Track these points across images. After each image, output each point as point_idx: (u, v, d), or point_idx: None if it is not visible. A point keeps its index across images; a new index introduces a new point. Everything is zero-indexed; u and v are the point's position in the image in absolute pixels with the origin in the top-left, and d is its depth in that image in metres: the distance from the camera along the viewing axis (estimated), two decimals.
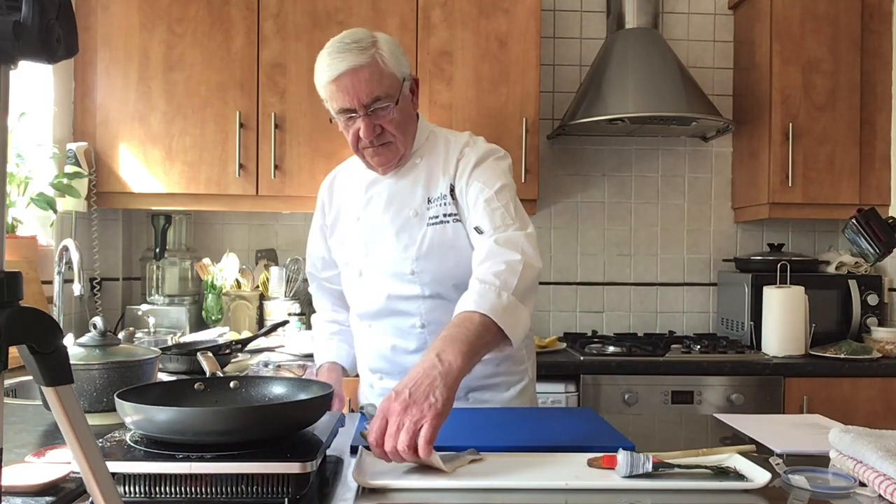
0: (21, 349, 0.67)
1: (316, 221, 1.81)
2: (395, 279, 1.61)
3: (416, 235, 1.59)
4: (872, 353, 2.70)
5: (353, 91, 1.50)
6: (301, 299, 3.09)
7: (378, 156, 1.59)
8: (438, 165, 1.63)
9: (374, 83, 1.50)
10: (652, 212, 3.34)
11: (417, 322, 1.62)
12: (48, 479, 0.98)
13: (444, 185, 1.60)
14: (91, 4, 2.80)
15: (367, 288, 1.66)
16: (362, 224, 1.67)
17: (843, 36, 2.96)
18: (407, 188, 1.63)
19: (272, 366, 2.27)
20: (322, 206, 1.79)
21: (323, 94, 1.57)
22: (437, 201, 1.60)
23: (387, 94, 1.52)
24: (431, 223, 1.59)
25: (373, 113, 1.52)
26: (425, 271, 1.58)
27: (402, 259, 1.60)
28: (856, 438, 1.15)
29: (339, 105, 1.53)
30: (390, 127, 1.55)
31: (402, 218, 1.61)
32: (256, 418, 1.03)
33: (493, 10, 2.86)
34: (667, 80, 2.92)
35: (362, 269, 1.66)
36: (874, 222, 1.47)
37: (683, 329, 3.31)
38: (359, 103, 1.51)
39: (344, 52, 1.50)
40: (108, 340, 1.44)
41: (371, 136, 1.54)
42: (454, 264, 1.57)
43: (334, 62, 1.50)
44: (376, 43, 1.52)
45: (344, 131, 1.59)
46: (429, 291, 1.59)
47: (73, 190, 2.56)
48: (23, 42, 0.62)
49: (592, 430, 1.41)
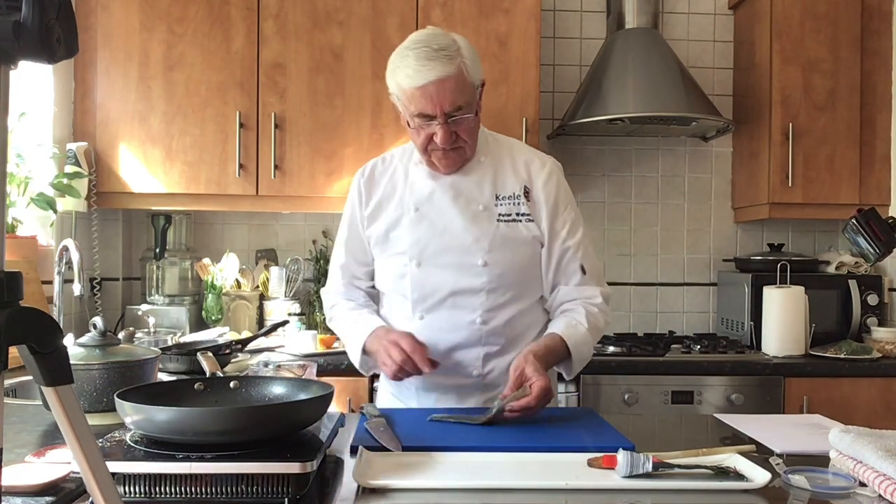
0: (21, 349, 0.67)
1: (352, 215, 1.77)
2: (462, 270, 1.63)
3: (486, 229, 1.64)
4: (872, 353, 2.70)
5: (438, 100, 1.52)
6: (301, 299, 3.09)
7: (447, 158, 1.62)
8: (505, 166, 1.70)
9: (458, 93, 1.53)
10: (652, 212, 3.34)
11: (478, 318, 1.64)
12: (48, 479, 0.98)
13: (516, 185, 1.68)
14: (91, 4, 2.80)
15: (426, 279, 1.65)
16: (423, 215, 1.67)
17: (843, 36, 2.96)
18: (473, 184, 1.67)
19: (272, 366, 2.26)
20: (358, 198, 1.75)
21: (399, 94, 1.57)
22: (508, 200, 1.67)
23: (467, 102, 1.56)
24: (503, 220, 1.65)
25: (452, 121, 1.55)
26: (497, 263, 1.63)
27: (473, 251, 1.63)
28: (856, 438, 1.15)
29: (418, 110, 1.55)
30: (465, 134, 1.59)
31: (470, 211, 1.65)
32: (256, 418, 1.03)
33: (493, 10, 2.86)
34: (667, 80, 2.92)
35: (421, 260, 1.65)
36: (874, 222, 1.47)
37: (683, 329, 3.31)
38: (441, 112, 1.53)
39: (432, 59, 1.50)
40: (108, 340, 1.44)
41: (448, 144, 1.57)
42: (521, 259, 1.65)
43: (422, 69, 1.50)
44: (460, 51, 1.54)
45: (414, 132, 1.60)
46: (494, 284, 1.63)
47: (73, 190, 2.56)
48: (23, 42, 0.62)
49: (592, 430, 1.41)
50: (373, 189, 1.74)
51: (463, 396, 1.67)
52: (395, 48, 1.60)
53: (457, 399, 1.67)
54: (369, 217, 1.73)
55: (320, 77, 2.84)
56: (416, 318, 1.67)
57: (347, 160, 2.84)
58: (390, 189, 1.73)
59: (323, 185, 2.84)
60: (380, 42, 2.83)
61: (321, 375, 1.83)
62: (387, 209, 1.71)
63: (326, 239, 3.23)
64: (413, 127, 1.59)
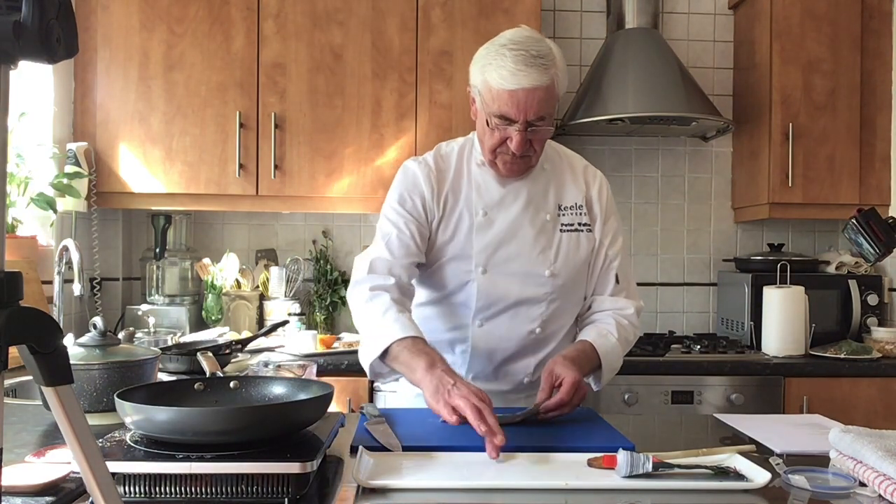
0: (21, 349, 0.67)
1: (414, 207, 1.62)
2: (528, 279, 1.62)
3: (552, 239, 1.64)
4: (872, 353, 2.70)
5: (525, 107, 1.49)
6: (301, 299, 3.09)
7: (514, 164, 1.58)
8: (566, 175, 1.70)
9: (545, 104, 1.50)
10: (652, 212, 3.34)
11: (537, 327, 1.63)
12: (48, 479, 0.98)
13: (578, 195, 1.68)
14: (91, 4, 2.80)
15: (493, 287, 1.61)
16: (491, 220, 1.62)
17: (843, 36, 2.96)
18: (541, 192, 1.66)
19: (272, 366, 2.26)
20: (429, 191, 1.63)
21: (484, 91, 1.53)
22: (571, 210, 1.66)
23: (549, 114, 1.53)
24: (565, 230, 1.65)
25: (531, 130, 1.52)
26: (560, 274, 1.63)
27: (540, 260, 1.62)
28: (856, 438, 1.15)
29: (502, 112, 1.50)
30: (538, 144, 1.57)
31: (539, 220, 1.64)
32: (256, 418, 1.03)
33: (493, 10, 2.86)
34: (667, 80, 2.92)
35: (488, 267, 1.61)
36: (874, 222, 1.47)
37: (683, 329, 3.31)
38: (523, 119, 1.50)
39: (530, 66, 1.47)
40: (108, 340, 1.44)
41: (521, 151, 1.53)
42: (580, 270, 1.66)
43: (519, 73, 1.46)
44: (556, 62, 1.51)
45: (488, 131, 1.55)
46: (556, 295, 1.63)
47: (73, 190, 2.56)
48: (23, 42, 0.62)
49: (592, 430, 1.41)
50: (443, 185, 1.65)
51: (509, 402, 1.65)
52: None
53: (503, 405, 1.62)
54: (444, 216, 1.63)
55: (320, 77, 2.84)
56: (475, 326, 1.64)
57: (347, 160, 2.84)
58: (456, 188, 1.65)
59: (323, 185, 2.84)
60: (380, 42, 2.83)
61: (321, 375, 1.84)
62: (453, 211, 1.63)
63: (326, 239, 3.23)
64: (490, 126, 1.54)
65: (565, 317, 1.69)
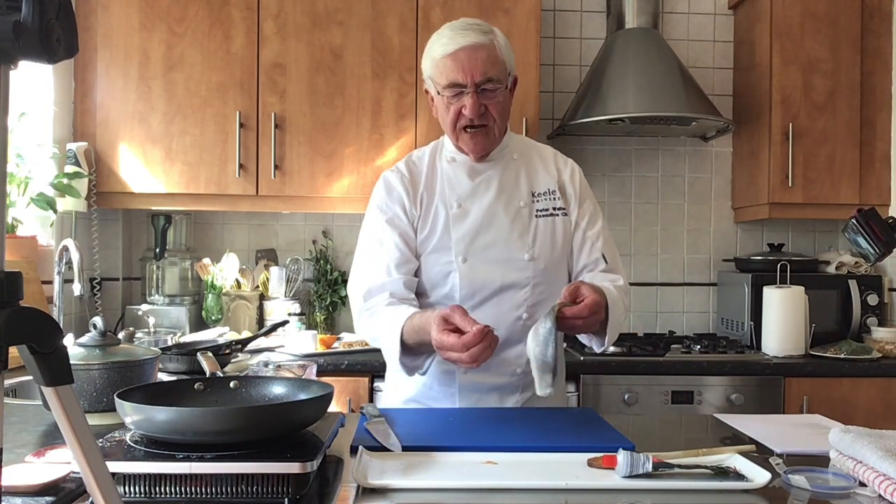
0: (21, 349, 0.67)
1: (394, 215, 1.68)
2: (509, 265, 1.65)
3: (528, 225, 1.68)
4: (872, 353, 2.70)
5: (469, 67, 1.56)
6: (301, 299, 3.09)
7: (474, 139, 1.64)
8: (536, 163, 1.75)
9: (489, 64, 1.57)
10: (652, 212, 3.34)
11: (523, 313, 1.65)
12: (48, 479, 0.98)
13: (550, 181, 1.72)
14: (91, 4, 2.80)
15: (474, 274, 1.64)
16: (466, 211, 1.67)
17: (843, 36, 2.96)
18: (512, 180, 1.71)
19: (272, 366, 2.26)
20: (405, 194, 1.69)
21: (431, 70, 1.63)
22: (544, 196, 1.70)
23: (498, 77, 1.59)
24: (541, 215, 1.69)
25: (482, 92, 1.58)
26: (540, 257, 1.66)
27: (518, 245, 1.66)
28: (856, 438, 1.15)
29: (450, 79, 1.58)
30: (494, 110, 1.61)
31: (514, 207, 1.68)
32: (256, 418, 1.03)
33: (493, 10, 2.86)
34: (667, 80, 2.92)
35: (468, 256, 1.65)
36: (874, 222, 1.47)
37: (683, 329, 3.31)
38: (471, 80, 1.57)
39: (467, 29, 1.59)
40: (108, 340, 1.44)
41: (476, 114, 1.59)
42: (560, 253, 1.70)
43: (456, 37, 1.58)
44: (494, 31, 1.63)
45: (444, 109, 1.63)
46: (538, 279, 1.66)
47: (73, 190, 2.56)
48: (23, 42, 0.62)
49: (592, 430, 1.41)
50: (417, 187, 1.71)
51: (504, 396, 1.67)
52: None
53: (498, 398, 1.66)
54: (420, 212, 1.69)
55: (320, 77, 2.84)
56: None
57: (347, 160, 2.84)
58: (430, 187, 1.71)
59: (323, 185, 2.85)
60: (380, 42, 2.83)
61: (321, 375, 1.83)
62: (429, 207, 1.69)
63: (326, 239, 3.23)
64: (446, 103, 1.61)
65: (551, 301, 1.65)
